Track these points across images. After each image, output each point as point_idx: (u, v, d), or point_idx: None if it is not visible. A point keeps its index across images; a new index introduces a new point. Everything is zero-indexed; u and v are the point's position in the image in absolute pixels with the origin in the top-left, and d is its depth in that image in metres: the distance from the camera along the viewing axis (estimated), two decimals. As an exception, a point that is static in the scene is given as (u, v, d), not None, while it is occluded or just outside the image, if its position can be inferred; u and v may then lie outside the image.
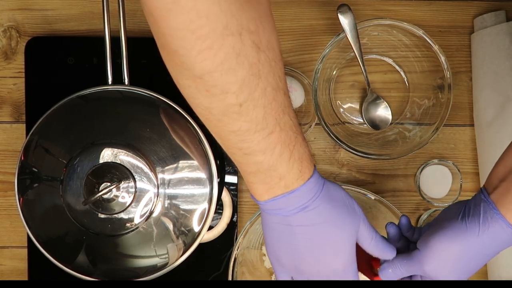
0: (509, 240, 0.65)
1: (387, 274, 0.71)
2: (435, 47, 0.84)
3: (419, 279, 0.72)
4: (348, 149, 0.85)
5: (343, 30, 0.83)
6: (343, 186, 0.83)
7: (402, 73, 0.91)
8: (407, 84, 0.91)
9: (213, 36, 0.51)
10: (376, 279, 0.74)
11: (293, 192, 0.62)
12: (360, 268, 0.72)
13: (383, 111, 0.90)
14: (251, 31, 0.53)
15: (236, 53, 0.52)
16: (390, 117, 0.90)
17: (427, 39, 0.84)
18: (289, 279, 0.69)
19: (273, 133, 0.58)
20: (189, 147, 0.78)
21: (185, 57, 0.53)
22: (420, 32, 0.84)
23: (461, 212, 0.68)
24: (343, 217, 0.65)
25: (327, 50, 0.84)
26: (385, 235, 0.93)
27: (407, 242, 0.73)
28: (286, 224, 0.64)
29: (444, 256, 0.67)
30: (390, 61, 0.91)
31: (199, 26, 0.50)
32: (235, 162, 0.62)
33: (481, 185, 0.91)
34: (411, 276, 0.72)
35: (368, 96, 0.90)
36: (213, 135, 0.61)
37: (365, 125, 0.91)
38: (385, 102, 0.90)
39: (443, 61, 0.84)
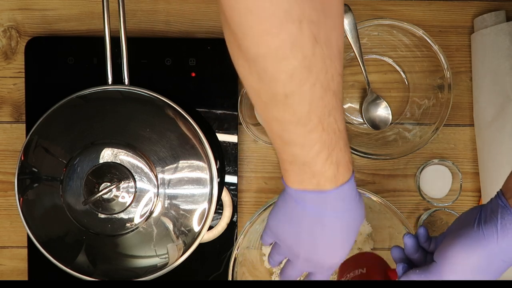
0: None
1: None
2: (435, 47, 0.84)
3: None
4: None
5: (343, 30, 0.83)
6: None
7: (402, 73, 0.91)
8: (407, 84, 0.91)
9: (273, 20, 0.49)
10: None
11: (323, 193, 0.61)
12: (377, 278, 0.71)
13: (383, 111, 0.90)
14: (312, 21, 0.50)
15: (292, 41, 0.50)
16: (390, 117, 0.90)
17: (427, 39, 0.84)
18: (281, 259, 0.70)
19: (315, 132, 0.57)
20: (189, 147, 0.78)
21: (242, 38, 0.51)
22: (420, 32, 0.84)
23: (476, 218, 0.66)
24: (356, 228, 0.66)
25: (327, 50, 0.84)
26: (385, 236, 0.93)
27: (424, 253, 0.72)
28: (306, 211, 0.63)
29: (463, 268, 0.65)
30: (390, 61, 0.91)
31: (260, 8, 0.48)
32: (274, 147, 0.61)
33: (481, 185, 0.91)
34: None
35: (368, 96, 0.90)
36: (260, 116, 0.60)
37: (365, 125, 0.91)
38: (385, 102, 0.90)
39: (443, 61, 0.84)
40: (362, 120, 0.91)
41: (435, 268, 0.66)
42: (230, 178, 0.90)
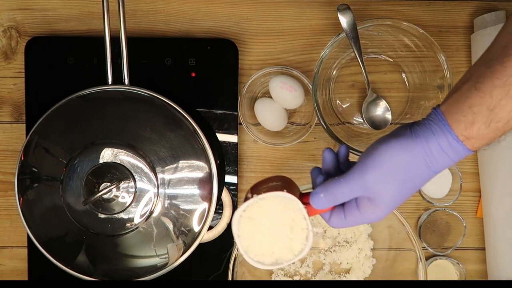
0: (454, 154, 0.62)
1: (319, 200, 0.66)
2: (435, 47, 0.84)
3: (354, 207, 0.66)
4: (348, 149, 0.85)
5: (343, 30, 0.83)
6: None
7: (402, 73, 0.91)
8: (407, 84, 0.91)
9: None
10: (310, 211, 0.68)
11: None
12: (292, 194, 0.67)
13: (383, 111, 0.90)
14: None
15: None
16: (390, 117, 0.90)
17: (427, 39, 0.84)
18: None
19: None
20: (189, 147, 0.78)
21: None
22: (420, 32, 0.84)
23: (410, 125, 0.64)
24: None
25: (327, 50, 0.84)
26: (385, 236, 0.93)
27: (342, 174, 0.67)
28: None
29: (389, 165, 0.62)
30: (390, 61, 0.91)
31: None
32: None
33: (481, 185, 0.91)
34: (343, 205, 0.67)
35: (368, 96, 0.90)
36: None
37: (365, 125, 0.91)
38: (385, 102, 0.90)
39: (443, 61, 0.84)
40: (362, 120, 0.91)
41: (358, 168, 0.64)
42: (230, 178, 0.90)
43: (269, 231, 0.67)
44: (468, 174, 0.92)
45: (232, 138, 0.90)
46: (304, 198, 0.68)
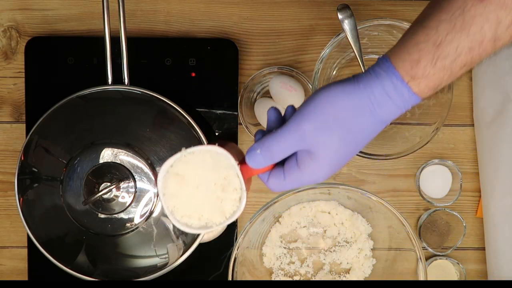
0: (400, 99, 0.58)
1: (255, 157, 0.60)
2: (435, 47, 0.84)
3: (293, 164, 0.60)
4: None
5: (343, 30, 0.83)
6: (343, 186, 0.83)
7: (402, 73, 0.91)
8: (407, 84, 0.91)
9: None
10: (247, 171, 0.62)
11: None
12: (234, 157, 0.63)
13: (383, 111, 0.90)
14: None
15: None
16: (390, 117, 0.90)
17: (427, 39, 0.84)
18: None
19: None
20: (189, 147, 0.78)
21: None
22: (420, 32, 0.84)
23: (355, 74, 0.60)
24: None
25: (327, 50, 0.84)
26: (385, 236, 0.93)
27: None
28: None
29: (329, 112, 0.58)
30: (390, 61, 0.91)
31: None
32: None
33: (481, 185, 0.91)
34: (283, 163, 0.61)
35: (368, 96, 0.90)
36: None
37: (365, 125, 0.91)
38: (385, 102, 0.90)
39: (443, 61, 0.84)
40: (362, 120, 0.91)
41: (293, 119, 0.59)
42: (230, 178, 0.90)
43: (198, 190, 0.62)
44: (468, 174, 0.92)
45: (232, 138, 0.90)
46: (242, 167, 0.62)
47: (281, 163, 0.62)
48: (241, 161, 0.63)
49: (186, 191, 0.62)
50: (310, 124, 0.58)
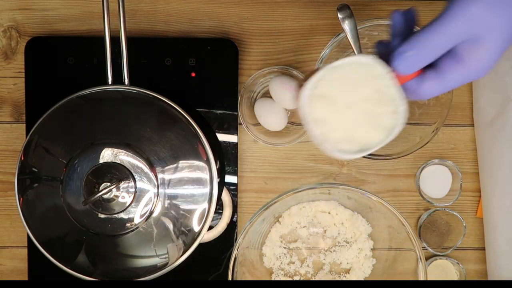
0: None
1: (406, 60, 0.52)
2: (435, 47, 0.84)
3: (450, 60, 0.52)
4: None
5: (343, 30, 0.83)
6: (343, 186, 0.83)
7: (402, 73, 0.91)
8: (407, 84, 0.91)
9: None
10: (398, 78, 0.54)
11: None
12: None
13: (383, 111, 0.90)
14: None
15: None
16: (390, 117, 0.90)
17: (427, 39, 0.84)
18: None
19: None
20: (189, 147, 0.78)
21: None
22: (420, 32, 0.84)
23: None
24: None
25: (327, 50, 0.84)
26: (385, 236, 0.93)
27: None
28: None
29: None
30: (390, 61, 0.91)
31: None
32: None
33: (481, 185, 0.91)
34: (432, 66, 0.53)
35: (368, 96, 0.90)
36: None
37: (365, 125, 0.91)
38: (385, 102, 0.90)
39: (443, 61, 0.84)
40: (362, 120, 0.91)
41: (456, 4, 0.50)
42: (230, 178, 0.90)
43: (350, 109, 0.54)
44: (468, 174, 0.92)
45: (232, 138, 0.90)
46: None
47: (428, 66, 0.54)
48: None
49: (336, 113, 0.54)
50: (481, 4, 0.50)
